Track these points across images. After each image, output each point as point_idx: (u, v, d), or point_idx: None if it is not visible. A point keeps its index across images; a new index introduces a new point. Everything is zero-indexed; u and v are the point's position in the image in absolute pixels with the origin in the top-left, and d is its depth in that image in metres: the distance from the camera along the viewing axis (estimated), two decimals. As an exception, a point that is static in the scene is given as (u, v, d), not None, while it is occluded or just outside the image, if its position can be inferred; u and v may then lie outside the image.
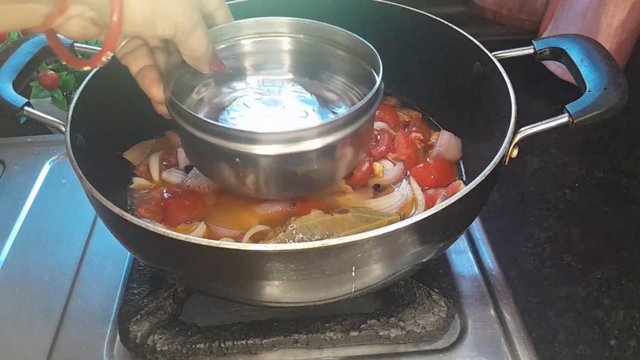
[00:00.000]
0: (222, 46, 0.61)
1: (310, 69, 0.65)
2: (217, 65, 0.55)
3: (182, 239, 0.45)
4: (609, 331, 0.65)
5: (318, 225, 0.57)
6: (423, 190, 0.67)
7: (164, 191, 0.68)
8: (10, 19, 0.39)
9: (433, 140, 0.75)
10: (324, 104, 0.62)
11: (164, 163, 0.72)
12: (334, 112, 0.61)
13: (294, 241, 0.56)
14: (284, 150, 0.51)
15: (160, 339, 0.59)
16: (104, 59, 0.45)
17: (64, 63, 0.92)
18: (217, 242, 0.45)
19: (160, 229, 0.47)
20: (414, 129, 0.76)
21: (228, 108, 0.60)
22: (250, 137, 0.50)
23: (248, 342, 0.59)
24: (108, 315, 0.65)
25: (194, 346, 0.59)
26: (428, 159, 0.73)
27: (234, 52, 0.63)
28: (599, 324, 0.66)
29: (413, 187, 0.67)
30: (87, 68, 0.49)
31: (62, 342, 0.63)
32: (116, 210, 0.49)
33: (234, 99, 0.61)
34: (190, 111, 0.52)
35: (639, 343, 0.64)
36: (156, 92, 0.53)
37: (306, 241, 0.56)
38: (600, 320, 0.67)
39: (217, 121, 0.57)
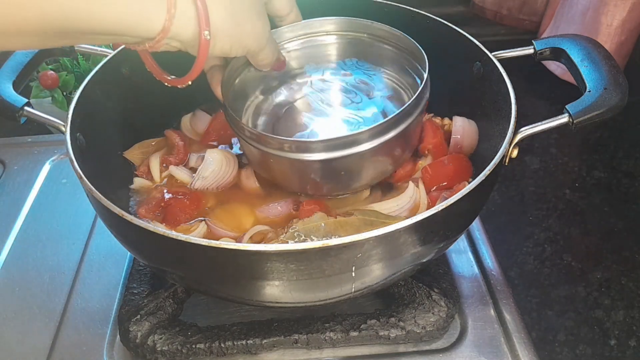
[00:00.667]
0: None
1: (358, 64, 0.68)
2: (278, 66, 0.60)
3: (182, 239, 0.45)
4: (609, 331, 0.65)
5: (320, 227, 0.57)
6: (428, 192, 0.66)
7: (165, 191, 0.68)
8: (105, 42, 0.46)
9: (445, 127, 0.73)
10: (372, 98, 0.65)
11: (164, 165, 0.72)
12: (382, 108, 0.64)
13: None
14: (332, 156, 0.55)
15: (160, 339, 0.59)
16: (184, 86, 0.53)
17: (67, 62, 0.92)
18: (217, 242, 0.46)
19: (160, 229, 0.47)
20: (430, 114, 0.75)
21: (284, 109, 0.65)
22: (299, 146, 0.55)
23: (248, 342, 0.59)
24: (108, 315, 0.65)
25: (194, 346, 0.59)
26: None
27: (287, 54, 0.66)
28: (599, 324, 0.66)
29: (420, 188, 0.65)
30: (167, 84, 0.54)
31: (62, 342, 0.63)
32: (116, 210, 0.49)
33: (289, 101, 0.66)
34: (240, 121, 0.57)
35: (639, 343, 0.64)
36: (220, 92, 0.59)
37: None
38: (600, 320, 0.67)
39: (274, 125, 0.64)
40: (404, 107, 0.55)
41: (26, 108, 0.59)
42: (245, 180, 0.68)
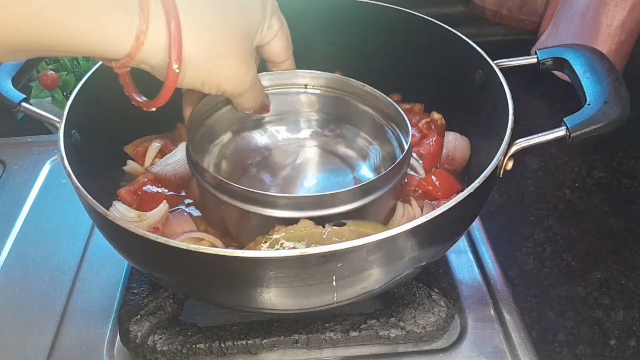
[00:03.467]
0: None
1: (331, 122, 0.66)
2: (261, 110, 0.59)
3: (162, 241, 0.44)
4: (609, 331, 0.65)
5: (305, 237, 0.52)
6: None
7: (147, 179, 0.68)
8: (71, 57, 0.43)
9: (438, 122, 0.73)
10: (343, 162, 0.63)
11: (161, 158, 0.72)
12: (353, 171, 0.62)
13: None
14: (292, 215, 0.52)
15: (161, 339, 0.59)
16: (154, 109, 0.49)
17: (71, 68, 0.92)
18: (195, 246, 0.44)
19: (141, 230, 0.46)
20: (422, 119, 0.75)
21: (251, 161, 0.62)
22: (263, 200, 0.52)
23: (248, 342, 0.59)
24: (108, 315, 0.65)
25: (194, 346, 0.59)
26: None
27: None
28: (599, 324, 0.66)
29: (413, 204, 0.64)
30: (134, 103, 0.51)
31: (62, 342, 0.63)
32: (101, 210, 0.48)
33: (259, 152, 0.63)
34: (203, 166, 0.55)
35: (639, 343, 0.64)
36: (186, 114, 0.58)
37: None
38: (600, 320, 0.67)
39: (242, 174, 0.61)
40: (380, 175, 0.53)
41: (23, 104, 0.59)
42: None
